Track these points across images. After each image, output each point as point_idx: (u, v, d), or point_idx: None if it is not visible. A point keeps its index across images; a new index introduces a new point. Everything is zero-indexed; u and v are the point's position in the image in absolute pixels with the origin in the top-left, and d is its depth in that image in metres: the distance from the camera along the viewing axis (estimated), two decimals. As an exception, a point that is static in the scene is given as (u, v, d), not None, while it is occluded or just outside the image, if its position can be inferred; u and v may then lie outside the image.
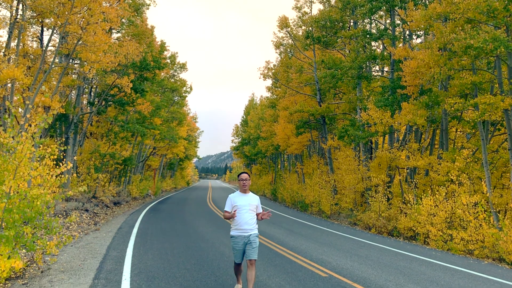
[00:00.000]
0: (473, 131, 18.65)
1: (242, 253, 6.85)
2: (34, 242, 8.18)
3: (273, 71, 34.08)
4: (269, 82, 57.26)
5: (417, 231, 15.48)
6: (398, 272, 9.44)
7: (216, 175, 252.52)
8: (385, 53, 22.26)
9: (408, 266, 10.19)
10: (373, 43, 24.64)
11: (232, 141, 78.57)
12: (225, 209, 7.01)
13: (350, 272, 9.18)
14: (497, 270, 10.60)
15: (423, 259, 11.42)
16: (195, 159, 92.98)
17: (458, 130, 20.97)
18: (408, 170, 19.91)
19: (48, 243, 8.36)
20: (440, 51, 15.35)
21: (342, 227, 19.22)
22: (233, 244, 6.93)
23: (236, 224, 6.90)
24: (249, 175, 7.13)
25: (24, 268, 8.28)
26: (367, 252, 12.15)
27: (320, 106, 27.59)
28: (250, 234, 6.84)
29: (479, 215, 13.44)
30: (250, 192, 7.14)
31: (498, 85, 14.05)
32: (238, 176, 7.13)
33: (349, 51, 24.39)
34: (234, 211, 6.81)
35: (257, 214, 7.10)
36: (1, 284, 7.14)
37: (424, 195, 16.04)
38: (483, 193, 14.31)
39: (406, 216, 16.70)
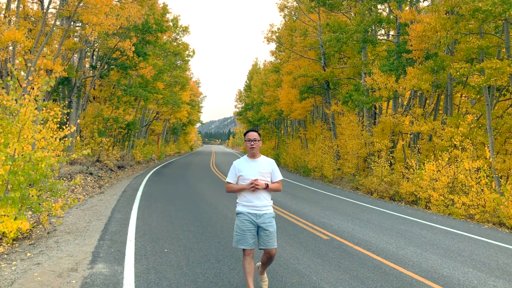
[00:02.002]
0: (478, 96, 18.49)
1: (249, 235, 5.05)
2: (39, 204, 8.29)
3: (277, 34, 33.62)
4: (272, 46, 56.61)
5: (418, 196, 15.59)
6: (399, 235, 9.56)
7: (219, 140, 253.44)
8: (391, 17, 21.84)
9: (409, 230, 10.32)
10: (379, 6, 24.11)
11: (235, 106, 78.54)
12: (228, 179, 5.27)
13: (352, 235, 9.30)
14: (497, 234, 10.72)
15: (424, 223, 11.55)
16: (198, 124, 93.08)
17: (463, 95, 20.82)
18: (411, 136, 19.89)
19: (53, 205, 8.48)
20: (447, 14, 15.04)
21: (344, 192, 19.38)
22: (237, 222, 5.16)
23: (243, 199, 5.19)
24: (259, 134, 5.30)
25: (30, 229, 8.43)
26: (369, 216, 12.29)
27: (325, 70, 27.32)
28: (264, 214, 5.12)
29: (481, 180, 13.49)
30: (262, 156, 5.33)
31: (505, 50, 13.81)
32: (245, 135, 5.31)
33: (355, 14, 23.94)
34: (252, 185, 5.05)
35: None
36: (9, 244, 7.29)
37: (427, 160, 16.07)
38: (486, 158, 14.32)
39: (408, 181, 16.79)
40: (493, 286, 6.16)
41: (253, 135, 5.23)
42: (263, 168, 5.19)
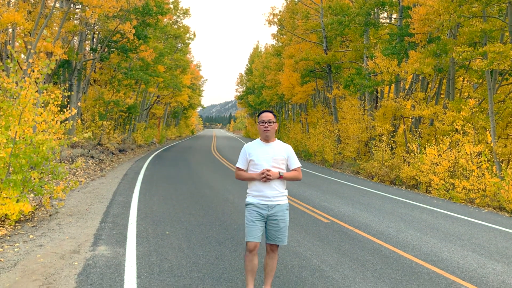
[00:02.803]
0: (481, 80, 18.40)
1: (258, 227, 4.50)
2: (41, 186, 8.32)
3: (278, 17, 33.32)
4: (274, 29, 56.24)
5: (419, 180, 15.63)
6: (399, 219, 9.60)
7: (220, 124, 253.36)
8: (394, -1, 21.62)
9: (409, 214, 10.36)
10: (382, -11, 23.85)
11: (237, 90, 78.50)
12: (238, 165, 4.71)
13: (352, 218, 9.34)
14: (496, 218, 10.77)
15: (425, 207, 11.59)
16: (199, 108, 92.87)
17: (465, 79, 20.69)
18: (413, 120, 19.85)
19: (55, 187, 8.50)
20: (451, -3, 14.88)
21: (345, 176, 19.43)
22: (247, 213, 4.60)
23: (253, 189, 4.62)
24: (274, 115, 4.70)
25: (32, 212, 8.46)
26: (369, 199, 12.33)
27: (326, 54, 27.14)
28: (277, 205, 4.54)
29: (482, 164, 13.51)
30: (277, 140, 4.73)
31: (509, 33, 13.70)
32: (258, 116, 4.72)
33: (357, -3, 23.69)
34: (263, 175, 4.47)
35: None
36: (11, 226, 7.34)
37: (428, 144, 16.07)
38: (487, 143, 14.31)
39: (409, 165, 16.81)
40: (492, 269, 6.21)
41: (267, 115, 4.62)
42: (277, 154, 4.59)
